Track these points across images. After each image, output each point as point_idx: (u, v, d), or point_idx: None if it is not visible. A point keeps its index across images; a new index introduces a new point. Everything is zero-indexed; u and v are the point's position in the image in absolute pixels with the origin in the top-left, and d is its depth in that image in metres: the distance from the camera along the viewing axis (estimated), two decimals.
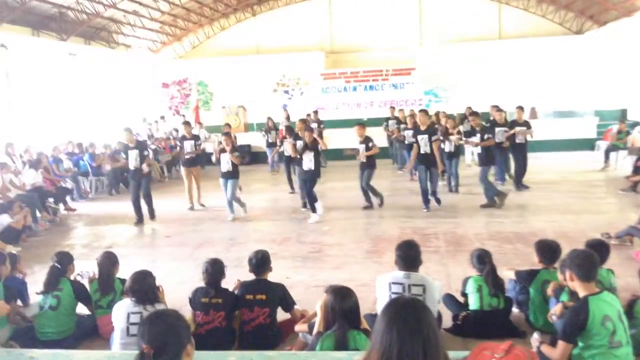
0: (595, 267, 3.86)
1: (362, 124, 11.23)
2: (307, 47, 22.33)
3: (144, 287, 4.49)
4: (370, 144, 10.73)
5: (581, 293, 3.77)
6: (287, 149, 11.92)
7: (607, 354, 3.65)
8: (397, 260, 4.75)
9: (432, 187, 10.56)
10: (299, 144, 10.89)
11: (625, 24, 18.29)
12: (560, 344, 3.74)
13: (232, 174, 10.58)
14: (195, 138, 12.22)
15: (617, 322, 3.68)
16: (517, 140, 12.07)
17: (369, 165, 10.82)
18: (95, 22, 18.61)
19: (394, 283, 4.64)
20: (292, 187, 13.08)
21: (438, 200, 10.70)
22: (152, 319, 2.34)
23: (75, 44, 18.05)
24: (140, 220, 10.74)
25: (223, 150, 10.61)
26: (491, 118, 12.56)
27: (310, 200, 10.38)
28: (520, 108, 12.56)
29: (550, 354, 3.80)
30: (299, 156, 10.58)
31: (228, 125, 13.80)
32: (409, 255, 4.71)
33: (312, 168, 10.34)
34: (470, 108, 15.30)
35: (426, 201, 10.51)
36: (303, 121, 11.94)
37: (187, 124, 12.82)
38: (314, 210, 10.28)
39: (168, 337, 2.26)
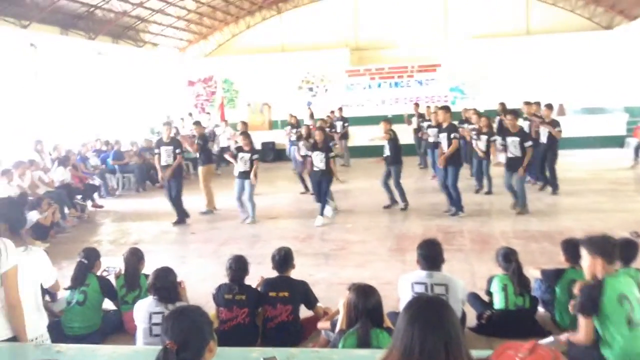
0: (617, 249, 3.89)
1: (387, 119, 11.04)
2: (332, 44, 22.28)
3: (166, 285, 4.51)
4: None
5: (601, 275, 3.79)
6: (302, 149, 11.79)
7: (627, 334, 3.65)
8: (419, 260, 4.74)
9: (451, 191, 9.93)
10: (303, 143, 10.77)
11: None
12: (581, 320, 3.77)
13: (250, 174, 10.23)
14: (205, 139, 12.00)
15: (634, 301, 3.70)
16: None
17: (394, 161, 10.49)
18: (122, 21, 18.83)
19: (416, 283, 4.63)
20: (305, 188, 12.96)
21: (455, 207, 9.94)
22: (176, 315, 2.35)
23: (103, 43, 18.28)
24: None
25: (240, 149, 10.39)
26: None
27: (322, 200, 10.05)
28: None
29: (576, 339, 3.82)
30: (304, 153, 10.32)
31: (244, 123, 13.48)
32: (430, 255, 4.69)
33: (323, 168, 9.92)
34: (503, 104, 14.53)
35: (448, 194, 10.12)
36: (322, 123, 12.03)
37: (197, 124, 12.65)
38: (322, 212, 10.00)
39: (191, 333, 2.27)
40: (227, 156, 11.13)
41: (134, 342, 4.80)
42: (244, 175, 10.30)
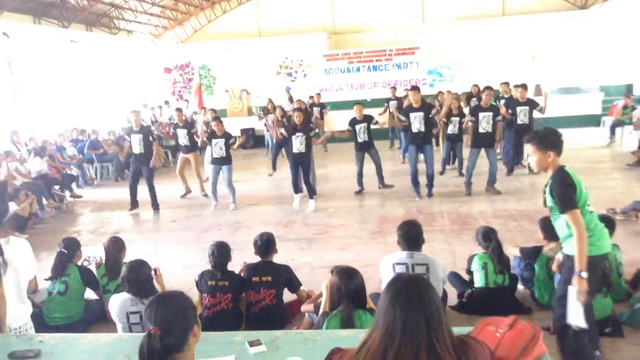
0: (563, 140, 3.96)
1: (361, 103, 11.00)
2: (309, 28, 22.14)
3: (141, 277, 4.48)
4: (373, 121, 10.54)
5: (555, 167, 3.85)
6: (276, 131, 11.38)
7: (592, 218, 3.81)
8: (400, 241, 4.78)
9: (428, 170, 9.93)
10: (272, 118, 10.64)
11: None
12: (570, 214, 3.66)
13: (227, 160, 10.21)
14: (189, 126, 11.93)
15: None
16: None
17: (372, 144, 10.57)
18: (96, 8, 18.51)
19: (397, 264, 4.67)
20: (274, 168, 13.26)
21: (430, 187, 10.02)
22: (159, 301, 2.33)
23: (77, 31, 17.98)
24: (134, 206, 10.64)
25: (214, 135, 10.24)
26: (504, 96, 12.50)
27: (308, 186, 10.02)
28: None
29: (578, 239, 3.63)
30: (281, 135, 10.22)
31: (213, 110, 13.98)
32: (410, 235, 4.73)
33: (303, 151, 9.84)
34: (476, 86, 15.04)
35: (416, 184, 10.01)
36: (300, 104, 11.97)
37: (179, 110, 12.51)
38: (311, 195, 9.99)
39: (175, 318, 2.25)
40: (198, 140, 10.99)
41: (116, 330, 4.80)
42: (220, 161, 10.23)
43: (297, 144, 9.85)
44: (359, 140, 10.57)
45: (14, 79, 14.52)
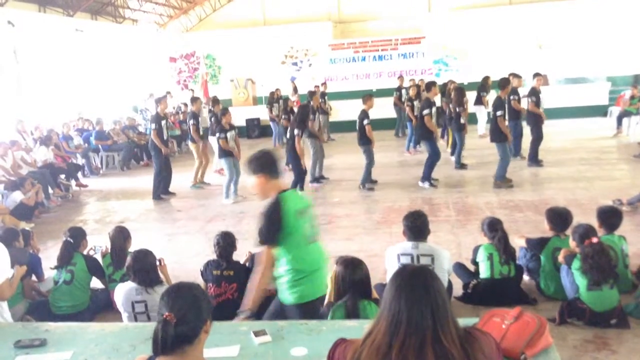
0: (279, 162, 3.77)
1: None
2: (315, 17, 22.05)
3: (145, 267, 4.50)
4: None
5: (274, 193, 3.60)
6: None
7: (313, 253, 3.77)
8: (405, 231, 4.78)
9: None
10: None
11: None
12: (264, 249, 3.59)
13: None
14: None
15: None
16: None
17: None
18: None
19: (402, 254, 4.68)
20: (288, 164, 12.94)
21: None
22: (177, 290, 2.29)
23: (82, 20, 17.94)
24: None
25: (228, 128, 10.16)
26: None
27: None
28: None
29: (256, 274, 3.68)
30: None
31: (216, 100, 13.31)
32: (416, 225, 4.73)
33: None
34: (488, 77, 14.69)
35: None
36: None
37: (195, 100, 12.46)
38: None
39: (190, 308, 2.22)
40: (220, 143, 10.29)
41: (122, 319, 4.82)
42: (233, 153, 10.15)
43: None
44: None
45: (19, 67, 14.52)
